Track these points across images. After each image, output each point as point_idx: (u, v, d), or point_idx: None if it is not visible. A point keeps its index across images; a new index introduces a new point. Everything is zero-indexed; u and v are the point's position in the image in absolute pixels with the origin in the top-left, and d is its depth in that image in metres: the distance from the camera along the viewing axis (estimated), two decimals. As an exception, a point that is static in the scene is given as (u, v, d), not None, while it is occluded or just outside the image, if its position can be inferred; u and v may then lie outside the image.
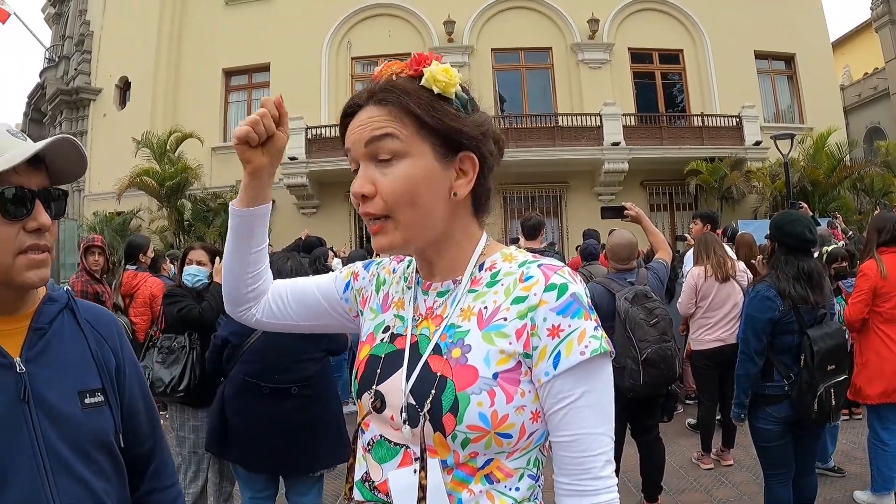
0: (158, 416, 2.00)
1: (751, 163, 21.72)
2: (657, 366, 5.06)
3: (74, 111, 26.37)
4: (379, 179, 1.42)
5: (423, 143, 1.42)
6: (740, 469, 6.72)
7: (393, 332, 1.57)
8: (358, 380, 1.56)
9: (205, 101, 24.31)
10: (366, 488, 1.49)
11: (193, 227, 21.06)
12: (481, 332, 1.41)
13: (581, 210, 21.68)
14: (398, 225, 1.45)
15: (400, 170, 1.41)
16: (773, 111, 25.20)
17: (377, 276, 1.75)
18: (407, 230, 1.45)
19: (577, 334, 1.35)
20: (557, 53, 24.23)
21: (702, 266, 6.77)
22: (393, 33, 23.96)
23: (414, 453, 1.41)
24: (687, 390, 8.93)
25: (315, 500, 4.49)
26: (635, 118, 23.15)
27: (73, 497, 1.60)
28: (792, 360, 4.39)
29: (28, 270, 1.56)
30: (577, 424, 1.37)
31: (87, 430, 1.66)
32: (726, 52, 23.80)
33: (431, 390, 1.38)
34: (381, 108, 1.43)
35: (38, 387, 1.59)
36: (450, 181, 1.45)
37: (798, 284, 4.36)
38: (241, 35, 24.11)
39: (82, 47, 26.93)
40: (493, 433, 1.34)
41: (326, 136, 22.01)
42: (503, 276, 1.47)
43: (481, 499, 1.38)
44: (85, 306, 1.84)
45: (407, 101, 1.41)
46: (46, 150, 1.57)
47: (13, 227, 1.53)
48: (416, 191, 1.41)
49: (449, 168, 1.45)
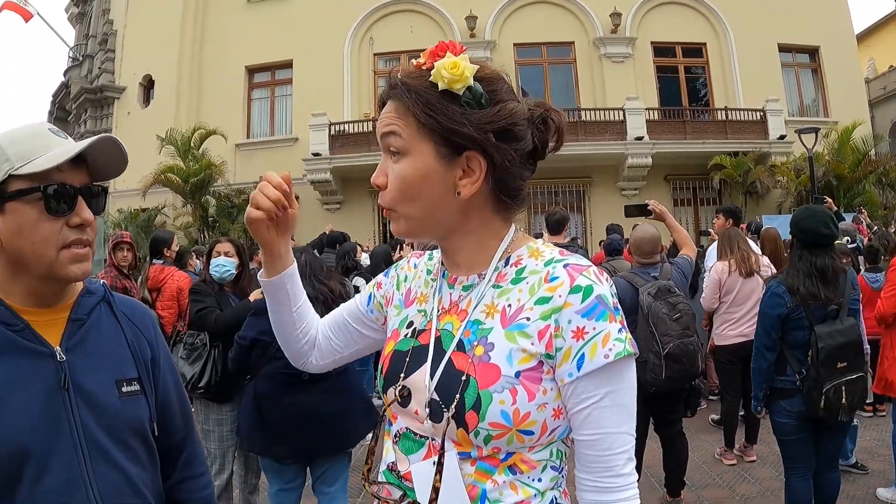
0: (190, 407, 2.06)
1: (775, 157, 21.50)
2: (679, 360, 5.06)
3: (99, 109, 26.58)
4: (389, 172, 1.47)
5: (425, 141, 1.42)
6: (763, 465, 6.69)
7: (416, 328, 1.58)
8: (384, 375, 1.58)
9: (228, 99, 24.40)
10: (392, 476, 1.52)
11: (218, 224, 21.16)
12: (504, 330, 1.41)
13: (604, 205, 21.58)
14: (400, 217, 1.49)
15: (399, 167, 1.44)
16: (797, 105, 24.93)
17: (397, 277, 1.78)
18: (409, 223, 1.49)
19: (602, 337, 1.36)
20: (580, 48, 24.13)
21: (726, 261, 6.74)
22: (415, 29, 23.93)
23: (438, 446, 1.42)
24: (710, 386, 8.89)
25: (341, 489, 4.54)
26: (658, 112, 22.97)
27: (109, 482, 1.64)
28: (803, 355, 4.42)
29: (71, 264, 1.62)
30: (600, 424, 1.38)
31: (123, 418, 1.71)
32: (750, 45, 23.56)
33: (455, 388, 1.39)
34: (394, 104, 1.46)
35: (77, 375, 1.64)
36: (454, 180, 1.44)
37: (809, 280, 4.38)
38: (263, 32, 24.17)
39: (106, 46, 27.11)
40: (514, 430, 1.36)
41: (349, 133, 22.13)
42: (528, 274, 1.46)
43: (505, 489, 1.40)
44: (121, 299, 1.90)
45: (408, 99, 1.42)
46: (89, 149, 1.62)
47: (57, 222, 1.58)
48: (414, 189, 1.44)
49: (453, 167, 1.43)
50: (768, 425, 4.88)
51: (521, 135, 1.45)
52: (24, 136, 1.61)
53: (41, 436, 1.56)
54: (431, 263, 1.70)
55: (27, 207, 1.56)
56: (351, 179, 22.15)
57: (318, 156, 21.65)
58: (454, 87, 1.39)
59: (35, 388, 1.58)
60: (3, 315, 1.60)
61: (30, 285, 1.64)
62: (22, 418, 1.54)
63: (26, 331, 1.61)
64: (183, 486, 1.95)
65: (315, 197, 22.96)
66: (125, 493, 1.68)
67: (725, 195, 22.08)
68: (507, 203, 1.52)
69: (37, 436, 1.55)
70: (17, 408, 1.54)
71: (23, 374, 1.58)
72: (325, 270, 4.61)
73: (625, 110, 21.78)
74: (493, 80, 1.45)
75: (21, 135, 1.62)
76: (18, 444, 1.52)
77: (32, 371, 1.59)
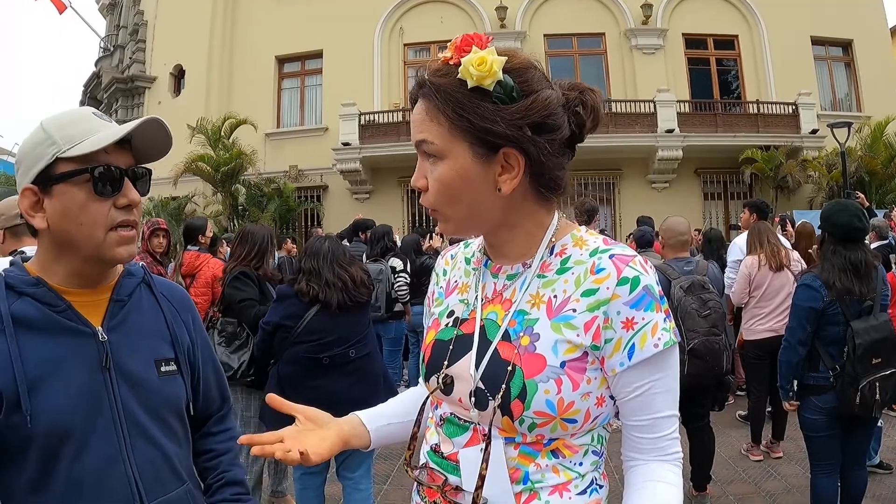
0: (225, 378, 2.12)
1: (807, 152, 21.19)
2: (703, 357, 5.04)
3: (129, 99, 26.79)
4: (427, 175, 1.45)
5: (459, 142, 1.39)
6: (790, 462, 6.66)
7: (457, 317, 1.59)
8: (425, 363, 1.60)
9: (258, 88, 24.51)
10: (436, 456, 1.54)
11: (247, 212, 21.26)
12: (550, 321, 1.43)
13: (634, 198, 21.49)
14: (446, 218, 1.49)
15: (438, 171, 1.43)
16: (829, 99, 24.54)
17: (436, 274, 1.79)
18: (456, 223, 1.49)
19: (650, 327, 1.39)
20: (610, 39, 23.95)
21: (755, 255, 6.69)
22: (445, 19, 23.86)
23: (482, 430, 1.45)
24: (738, 382, 8.83)
25: (364, 475, 4.60)
26: (689, 105, 22.72)
27: (148, 459, 1.69)
28: (837, 351, 4.39)
29: (118, 246, 1.66)
30: (651, 409, 1.44)
31: (163, 397, 1.76)
32: (782, 37, 23.26)
33: (501, 377, 1.41)
34: (424, 103, 1.43)
35: (118, 355, 1.68)
36: (493, 177, 1.42)
37: (844, 275, 4.37)
38: (293, 22, 24.22)
39: (136, 36, 27.34)
40: (559, 419, 1.38)
41: (379, 122, 22.16)
42: (573, 264, 1.47)
43: (547, 472, 1.43)
44: (160, 281, 1.94)
45: (437, 100, 1.39)
46: (134, 132, 1.65)
47: (105, 203, 1.62)
48: (455, 191, 1.43)
49: (491, 165, 1.41)
50: (795, 422, 4.87)
51: (557, 124, 1.42)
52: (70, 120, 1.65)
53: (82, 415, 1.59)
54: (468, 251, 1.71)
55: (75, 189, 1.59)
56: (380, 169, 22.27)
57: (348, 145, 21.68)
58: (484, 84, 1.36)
59: (77, 367, 1.61)
60: (46, 296, 1.64)
61: (74, 267, 1.68)
62: (63, 398, 1.57)
63: (69, 311, 1.65)
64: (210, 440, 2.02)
65: (344, 186, 23.05)
66: (162, 469, 1.73)
67: (756, 189, 21.81)
68: (547, 193, 1.50)
69: (77, 415, 1.59)
70: (58, 387, 1.58)
71: (65, 353, 1.61)
72: (347, 257, 4.65)
73: (655, 102, 21.60)
74: (523, 70, 1.41)
75: (67, 119, 1.65)
76: (59, 422, 1.56)
77: (74, 351, 1.62)
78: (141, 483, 1.66)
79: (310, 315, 4.39)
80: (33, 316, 1.60)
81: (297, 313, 4.42)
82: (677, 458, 1.48)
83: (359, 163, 21.94)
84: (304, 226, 23.45)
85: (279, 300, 4.58)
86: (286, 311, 4.49)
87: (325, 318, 4.39)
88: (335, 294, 4.38)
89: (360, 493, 4.58)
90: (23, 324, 1.58)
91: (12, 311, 1.58)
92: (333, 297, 4.37)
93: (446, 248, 1.82)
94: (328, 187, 23.63)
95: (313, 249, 4.57)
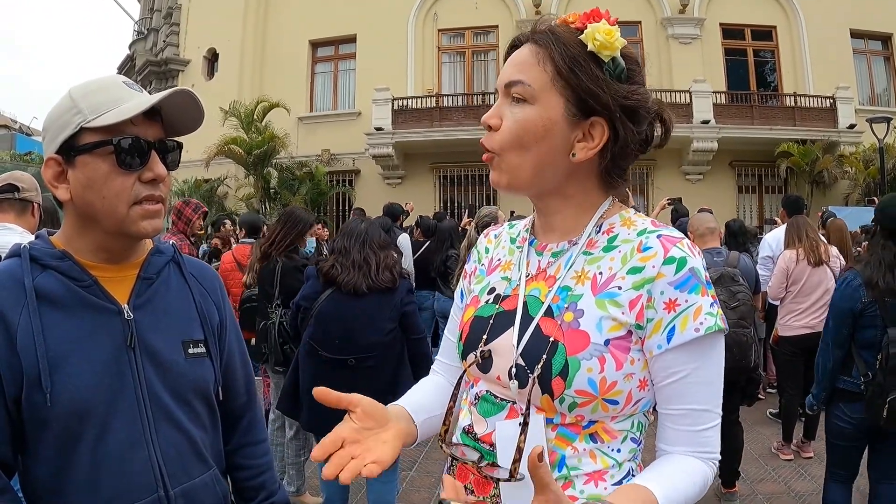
0: (253, 374, 2.05)
1: (844, 147, 20.85)
2: (729, 349, 4.91)
3: (163, 82, 27.01)
4: (505, 115, 1.43)
5: (556, 95, 1.39)
6: (820, 463, 6.45)
7: (498, 294, 1.56)
8: (463, 340, 1.57)
9: (291, 72, 24.62)
10: (469, 438, 1.51)
11: (279, 195, 21.40)
12: (595, 297, 1.40)
13: (667, 189, 21.18)
14: (503, 164, 1.45)
15: (522, 114, 1.41)
16: (868, 93, 24.11)
17: (478, 252, 1.75)
18: (510, 173, 1.46)
19: (694, 310, 1.36)
20: (647, 27, 23.67)
21: (794, 249, 6.59)
22: (480, 5, 23.78)
23: (520, 409, 1.42)
24: (769, 378, 8.74)
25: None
26: (725, 96, 22.43)
27: (172, 443, 1.65)
28: (872, 357, 4.05)
29: (142, 220, 1.60)
30: (686, 399, 1.39)
31: (190, 379, 1.71)
32: (821, 30, 22.85)
33: (543, 353, 1.38)
34: (533, 48, 1.43)
35: (143, 334, 1.63)
36: (571, 140, 1.41)
37: (889, 273, 4.00)
38: (327, 6, 24.26)
39: (170, 20, 27.66)
40: (600, 399, 1.35)
41: (412, 108, 22.21)
42: (620, 243, 1.45)
43: (584, 457, 1.40)
44: (190, 261, 1.89)
45: (555, 47, 1.39)
46: (163, 103, 1.60)
47: (129, 177, 1.56)
48: (529, 138, 1.40)
49: (575, 128, 1.41)
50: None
51: (644, 119, 1.46)
52: (97, 88, 1.60)
53: (105, 394, 1.56)
54: (514, 231, 1.70)
55: (98, 161, 1.54)
56: (413, 154, 22.33)
57: (381, 130, 21.71)
58: (602, 53, 1.39)
59: (101, 345, 1.58)
60: (71, 270, 1.60)
61: (99, 240, 1.63)
62: (87, 376, 1.54)
63: (94, 287, 1.61)
64: (243, 453, 1.96)
65: (377, 171, 23.13)
66: (186, 454, 1.69)
67: (791, 184, 21.57)
68: (611, 177, 1.49)
69: (100, 394, 1.55)
70: (82, 365, 1.54)
71: (89, 330, 1.57)
72: (380, 241, 4.56)
73: (691, 93, 21.34)
74: (635, 61, 1.47)
75: (94, 87, 1.60)
76: (81, 402, 1.52)
77: (99, 328, 1.59)
78: (165, 468, 1.62)
79: (323, 297, 4.36)
80: (57, 291, 1.56)
81: (313, 294, 4.44)
82: (711, 459, 1.41)
83: (391, 148, 21.95)
84: (335, 210, 23.64)
85: (306, 279, 4.63)
86: (306, 291, 4.54)
87: (336, 302, 4.31)
88: (356, 275, 4.30)
89: (384, 481, 4.51)
90: (46, 299, 1.55)
91: (36, 286, 1.55)
92: (352, 278, 4.29)
93: (488, 229, 1.79)
94: (360, 172, 23.70)
95: (348, 229, 4.57)
